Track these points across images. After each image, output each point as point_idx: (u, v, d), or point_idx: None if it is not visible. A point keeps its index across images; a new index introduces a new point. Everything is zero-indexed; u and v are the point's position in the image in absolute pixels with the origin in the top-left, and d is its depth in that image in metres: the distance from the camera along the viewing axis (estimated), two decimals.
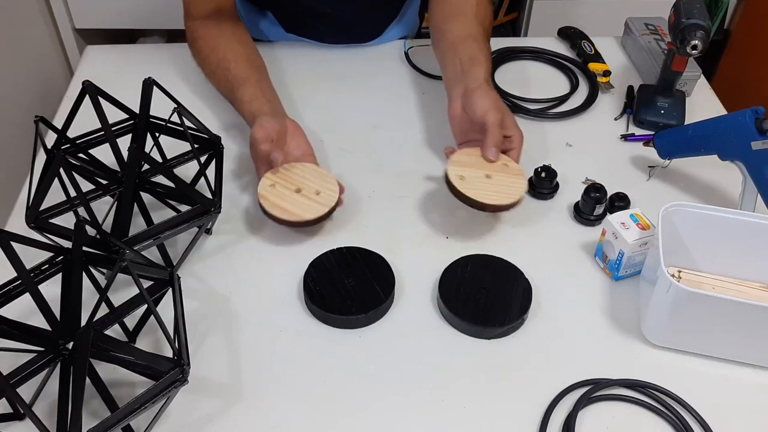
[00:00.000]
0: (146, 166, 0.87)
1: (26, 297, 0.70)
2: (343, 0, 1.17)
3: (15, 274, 0.69)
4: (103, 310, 0.73)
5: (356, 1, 1.18)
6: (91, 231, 0.74)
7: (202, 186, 0.92)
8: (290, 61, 1.21)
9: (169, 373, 0.66)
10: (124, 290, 0.83)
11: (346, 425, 0.74)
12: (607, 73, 1.19)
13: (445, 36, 1.05)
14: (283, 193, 0.89)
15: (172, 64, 1.21)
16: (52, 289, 0.72)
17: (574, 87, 1.19)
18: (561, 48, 1.27)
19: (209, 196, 0.84)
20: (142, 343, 0.80)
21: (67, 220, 0.80)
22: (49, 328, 0.70)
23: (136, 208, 0.84)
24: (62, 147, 0.84)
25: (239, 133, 1.07)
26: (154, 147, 0.90)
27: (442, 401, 0.76)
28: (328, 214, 0.89)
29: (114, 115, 0.86)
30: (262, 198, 0.88)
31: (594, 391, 0.76)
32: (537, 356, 0.81)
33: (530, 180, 0.99)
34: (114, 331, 0.77)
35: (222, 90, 1.07)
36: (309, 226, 0.90)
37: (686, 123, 1.09)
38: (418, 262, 0.90)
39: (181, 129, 0.86)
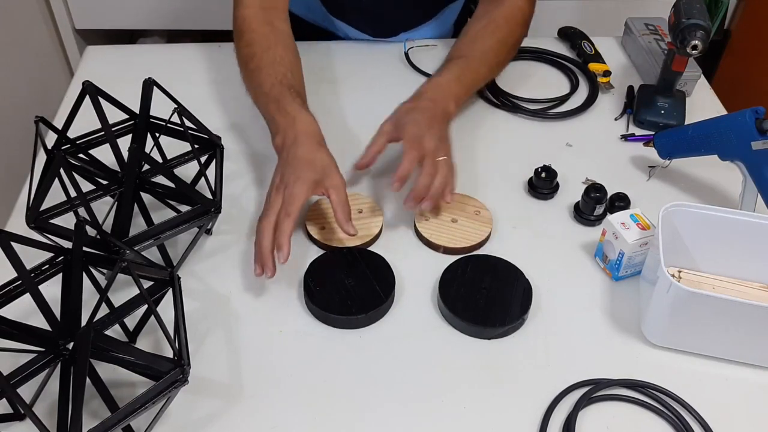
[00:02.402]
0: (146, 167, 0.87)
1: (26, 297, 0.70)
2: None
3: (15, 275, 0.69)
4: (104, 310, 0.73)
5: None
6: (91, 231, 0.74)
7: (202, 186, 0.92)
8: None
9: (169, 373, 0.66)
10: (124, 290, 0.83)
11: (346, 425, 0.74)
12: (607, 73, 1.19)
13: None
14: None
15: (172, 64, 1.21)
16: (52, 289, 0.72)
17: (574, 87, 1.19)
18: (561, 48, 1.27)
19: (209, 196, 0.84)
20: (142, 344, 0.80)
21: (67, 221, 0.80)
22: (49, 329, 0.70)
23: (136, 208, 0.84)
24: (62, 147, 0.84)
25: (239, 133, 1.07)
26: (154, 147, 0.90)
27: (442, 401, 0.76)
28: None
29: (114, 115, 0.86)
30: (327, 240, 0.90)
31: (594, 391, 0.76)
32: (537, 356, 0.81)
33: (530, 180, 0.99)
34: (114, 332, 0.76)
35: (261, 86, 0.97)
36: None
37: (686, 123, 1.09)
38: (419, 262, 0.90)
39: (181, 129, 0.86)
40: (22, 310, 0.73)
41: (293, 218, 0.81)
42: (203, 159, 0.89)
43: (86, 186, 0.83)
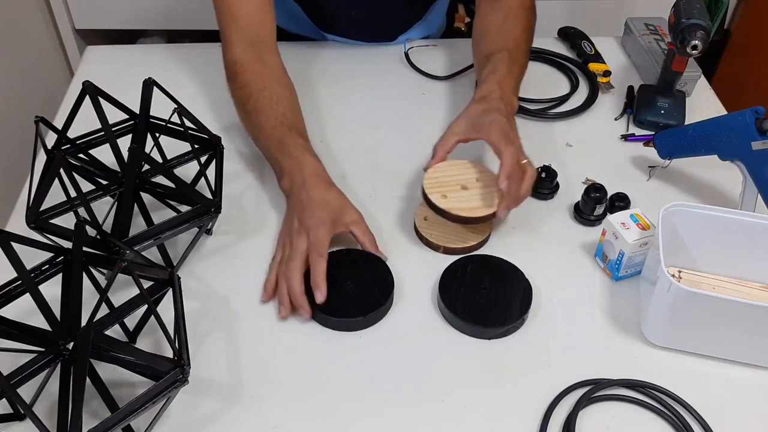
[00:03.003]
0: (146, 167, 0.87)
1: (26, 297, 0.70)
2: (367, 1, 1.17)
3: (15, 275, 0.69)
4: (104, 310, 0.73)
5: (379, 3, 1.18)
6: (91, 231, 0.74)
7: (202, 186, 0.92)
8: (290, 61, 1.21)
9: (169, 373, 0.66)
10: (124, 290, 0.83)
11: (346, 425, 0.74)
12: (607, 73, 1.19)
13: (477, 51, 1.09)
14: (457, 196, 0.89)
15: (172, 64, 1.21)
16: (52, 289, 0.72)
17: (574, 87, 1.19)
18: (561, 48, 1.27)
19: (209, 196, 0.84)
20: (143, 344, 0.80)
21: (67, 221, 0.80)
22: (49, 329, 0.70)
23: (136, 208, 0.84)
24: (62, 147, 0.84)
25: (239, 133, 1.07)
26: (154, 147, 0.90)
27: (442, 401, 0.76)
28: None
29: (114, 115, 0.86)
30: (454, 210, 0.87)
31: (594, 391, 0.76)
32: (537, 356, 0.81)
33: None
34: (114, 332, 0.76)
35: (262, 129, 0.97)
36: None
37: (686, 123, 1.09)
38: (419, 263, 0.90)
39: (181, 129, 0.86)
40: (22, 310, 0.73)
41: (325, 259, 0.83)
42: (203, 159, 0.89)
43: (86, 186, 0.83)
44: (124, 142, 0.84)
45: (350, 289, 0.84)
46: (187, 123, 0.86)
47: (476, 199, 0.88)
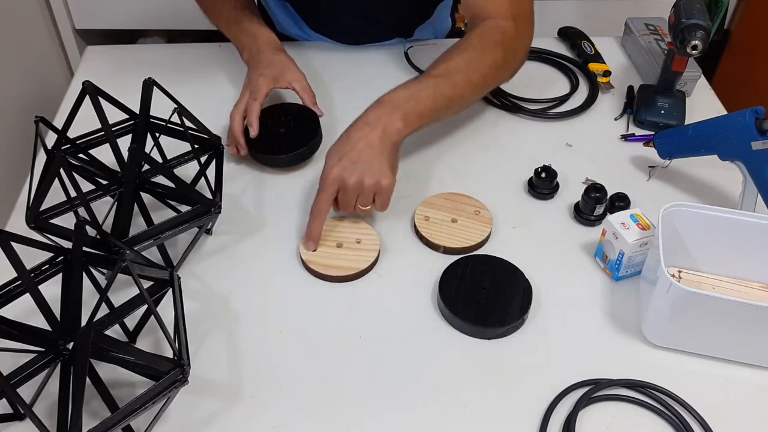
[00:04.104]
0: (146, 167, 0.87)
1: (26, 297, 0.70)
2: (373, 5, 1.17)
3: (15, 274, 0.69)
4: (104, 310, 0.73)
5: (385, 7, 1.18)
6: (91, 231, 0.74)
7: (202, 186, 0.92)
8: None
9: (169, 373, 0.66)
10: (124, 290, 0.83)
11: (346, 425, 0.74)
12: (607, 73, 1.19)
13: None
14: (327, 252, 0.89)
15: (172, 64, 1.21)
16: (52, 289, 0.72)
17: (574, 87, 1.19)
18: (561, 48, 1.27)
19: (209, 196, 0.84)
20: (142, 344, 0.80)
21: (67, 221, 0.80)
22: (49, 328, 0.70)
23: (136, 208, 0.84)
24: (62, 147, 0.84)
25: None
26: (154, 147, 0.90)
27: (442, 401, 0.76)
28: (377, 260, 0.90)
29: (114, 115, 0.86)
30: (311, 264, 0.87)
31: (594, 391, 0.76)
32: (537, 356, 0.81)
33: (530, 180, 0.99)
34: (114, 332, 0.77)
35: (221, 14, 1.14)
36: (362, 276, 0.89)
37: (686, 123, 1.09)
38: (419, 262, 0.90)
39: (181, 129, 0.86)
40: (22, 310, 0.73)
41: (259, 102, 1.00)
42: (203, 159, 0.89)
43: (86, 186, 0.84)
44: (124, 142, 0.85)
45: (282, 134, 1.01)
46: (187, 123, 0.86)
47: (342, 258, 0.88)
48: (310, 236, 0.88)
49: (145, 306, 0.74)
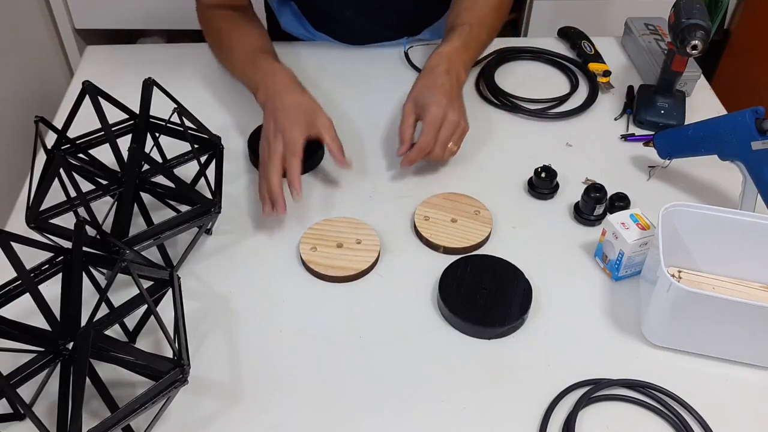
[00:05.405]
0: (146, 166, 0.87)
1: (26, 297, 0.70)
2: (379, 6, 1.18)
3: (15, 274, 0.69)
4: (103, 310, 0.73)
5: (395, 8, 1.19)
6: (91, 231, 0.74)
7: (202, 186, 0.92)
8: (290, 61, 1.21)
9: (169, 373, 0.66)
10: (124, 290, 0.83)
11: (346, 425, 0.74)
12: (607, 73, 1.19)
13: (447, 22, 1.11)
14: (327, 252, 0.89)
15: (172, 64, 1.21)
16: (52, 289, 0.72)
17: (574, 87, 1.19)
18: (561, 48, 1.27)
19: (209, 196, 0.84)
20: (142, 344, 0.80)
21: (67, 220, 0.80)
22: (49, 328, 0.70)
23: (136, 208, 0.84)
24: (62, 147, 0.84)
25: (239, 133, 1.07)
26: (154, 147, 0.90)
27: (442, 401, 0.76)
28: (377, 260, 0.89)
29: (114, 115, 0.86)
30: (311, 264, 0.87)
31: (594, 391, 0.76)
32: (537, 356, 0.81)
33: (530, 180, 0.99)
34: (114, 332, 0.77)
35: (235, 57, 1.06)
36: (362, 277, 0.89)
37: (686, 123, 1.09)
38: (419, 262, 0.90)
39: (181, 129, 0.86)
40: (22, 310, 0.73)
41: (299, 158, 0.90)
42: (203, 159, 0.89)
43: (86, 186, 0.84)
44: (124, 142, 0.85)
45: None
46: (187, 123, 0.86)
47: (342, 258, 0.88)
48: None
49: (145, 306, 0.75)
